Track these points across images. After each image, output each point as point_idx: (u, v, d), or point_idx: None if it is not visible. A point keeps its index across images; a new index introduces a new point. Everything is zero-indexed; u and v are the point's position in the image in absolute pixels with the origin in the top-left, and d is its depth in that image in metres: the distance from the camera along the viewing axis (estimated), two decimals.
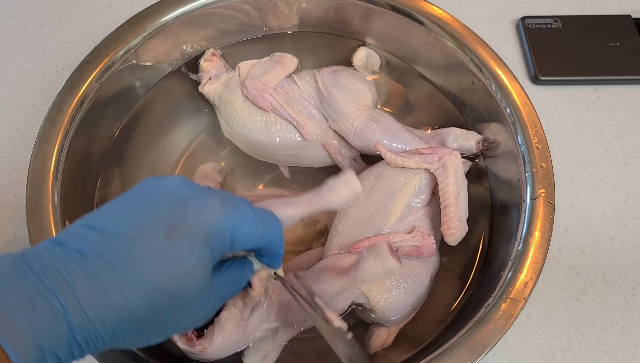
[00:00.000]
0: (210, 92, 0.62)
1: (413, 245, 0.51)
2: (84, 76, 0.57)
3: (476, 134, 0.59)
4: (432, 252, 0.52)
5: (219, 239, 0.34)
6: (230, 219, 0.34)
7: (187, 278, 0.32)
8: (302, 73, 0.63)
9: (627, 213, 0.62)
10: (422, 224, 0.53)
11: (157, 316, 0.32)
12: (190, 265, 0.32)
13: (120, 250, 0.31)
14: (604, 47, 0.72)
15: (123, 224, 0.32)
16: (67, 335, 0.29)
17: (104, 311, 0.30)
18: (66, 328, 0.29)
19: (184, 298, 0.33)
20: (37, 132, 0.54)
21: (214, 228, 0.33)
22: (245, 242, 0.36)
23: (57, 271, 0.30)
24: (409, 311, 0.52)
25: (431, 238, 0.52)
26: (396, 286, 0.50)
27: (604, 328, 0.56)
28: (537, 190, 0.52)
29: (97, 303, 0.30)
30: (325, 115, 0.61)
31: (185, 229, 0.32)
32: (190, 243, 0.32)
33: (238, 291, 0.41)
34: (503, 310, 0.46)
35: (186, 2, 0.62)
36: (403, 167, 0.54)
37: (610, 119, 0.68)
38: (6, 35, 0.74)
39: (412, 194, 0.54)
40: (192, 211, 0.33)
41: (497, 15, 0.76)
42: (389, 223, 0.53)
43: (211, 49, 0.65)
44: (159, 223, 0.32)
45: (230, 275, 0.39)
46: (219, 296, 0.38)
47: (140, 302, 0.31)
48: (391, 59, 0.68)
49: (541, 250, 0.49)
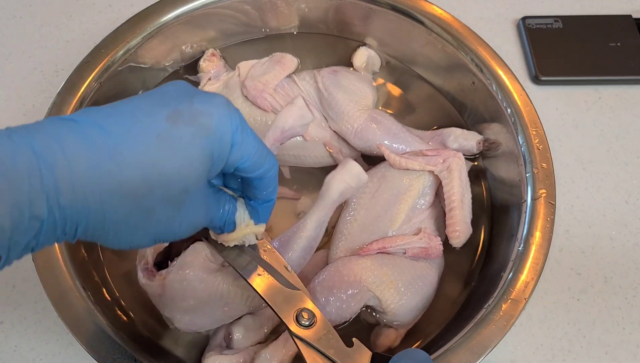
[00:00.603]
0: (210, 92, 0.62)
1: (421, 246, 0.51)
2: (84, 76, 0.57)
3: (477, 134, 0.59)
4: (440, 253, 0.52)
5: (220, 139, 0.33)
6: (234, 121, 0.33)
7: (185, 165, 0.31)
8: (302, 73, 0.63)
9: (628, 214, 0.62)
10: (427, 226, 0.53)
11: (148, 198, 0.30)
12: (190, 152, 0.31)
13: (120, 122, 0.30)
14: (605, 47, 0.71)
15: (126, 104, 0.31)
16: (51, 197, 0.27)
17: (95, 176, 0.28)
18: (52, 188, 0.27)
19: (179, 186, 0.32)
20: None
21: (218, 123, 0.32)
22: (242, 157, 0.35)
23: (48, 134, 0.28)
24: (418, 313, 0.52)
25: (438, 239, 0.52)
26: (408, 288, 0.50)
27: (604, 328, 0.56)
28: (538, 190, 0.52)
29: (89, 168, 0.28)
30: (325, 115, 0.61)
31: (190, 117, 0.31)
32: (194, 131, 0.31)
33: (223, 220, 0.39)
34: (504, 310, 0.46)
35: (186, 2, 0.62)
36: (407, 169, 0.54)
37: (611, 119, 0.68)
38: (6, 35, 0.74)
39: (416, 196, 0.54)
40: (198, 102, 0.32)
41: (497, 15, 0.76)
42: (395, 225, 0.53)
43: (211, 50, 0.65)
44: (163, 106, 0.31)
45: (220, 197, 0.38)
46: (208, 210, 0.37)
47: (134, 176, 0.29)
48: (391, 60, 0.68)
49: (542, 251, 0.49)
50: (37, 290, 0.56)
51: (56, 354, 0.54)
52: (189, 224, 0.35)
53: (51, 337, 0.54)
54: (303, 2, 0.65)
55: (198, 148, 0.32)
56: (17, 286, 0.57)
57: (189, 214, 0.34)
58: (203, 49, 0.66)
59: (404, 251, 0.52)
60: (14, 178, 0.27)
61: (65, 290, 0.47)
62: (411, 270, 0.51)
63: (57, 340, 0.54)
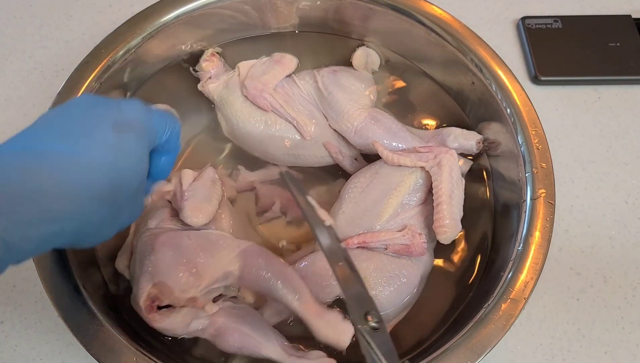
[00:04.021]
0: (210, 91, 0.62)
1: (403, 243, 0.51)
2: (84, 76, 0.57)
3: (476, 134, 0.59)
4: (422, 251, 0.51)
5: (151, 135, 0.39)
6: (150, 114, 0.40)
7: (139, 164, 0.38)
8: (301, 73, 0.63)
9: (628, 213, 0.62)
10: (415, 223, 0.53)
11: (117, 198, 0.36)
12: (137, 153, 0.38)
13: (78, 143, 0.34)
14: (605, 47, 0.71)
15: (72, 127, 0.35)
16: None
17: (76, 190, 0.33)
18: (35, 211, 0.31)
19: (136, 182, 0.38)
20: None
21: (147, 123, 0.39)
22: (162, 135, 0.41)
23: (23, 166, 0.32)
24: (396, 311, 0.52)
25: (422, 236, 0.51)
26: (382, 284, 0.50)
27: (604, 328, 0.56)
28: (538, 190, 0.52)
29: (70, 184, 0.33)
30: (325, 115, 0.61)
31: (128, 125, 0.37)
32: (135, 135, 0.37)
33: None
34: (503, 310, 0.46)
35: (186, 2, 0.62)
36: (399, 165, 0.54)
37: (611, 119, 0.68)
38: (6, 35, 0.74)
39: (406, 192, 0.54)
40: (126, 111, 0.38)
41: (497, 16, 0.76)
42: (381, 220, 0.53)
43: (210, 50, 0.65)
44: (104, 121, 0.36)
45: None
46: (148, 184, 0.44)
47: (105, 183, 0.35)
48: (391, 58, 0.68)
49: (541, 250, 0.49)
50: (37, 289, 0.57)
51: (56, 353, 0.54)
52: (142, 206, 0.43)
53: (51, 336, 0.54)
54: (303, 2, 0.65)
55: (141, 148, 0.38)
56: (17, 286, 0.57)
57: (141, 199, 0.42)
58: (203, 48, 0.66)
59: (385, 247, 0.51)
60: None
61: (65, 290, 0.47)
62: (390, 267, 0.51)
63: (57, 339, 0.54)
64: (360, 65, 0.65)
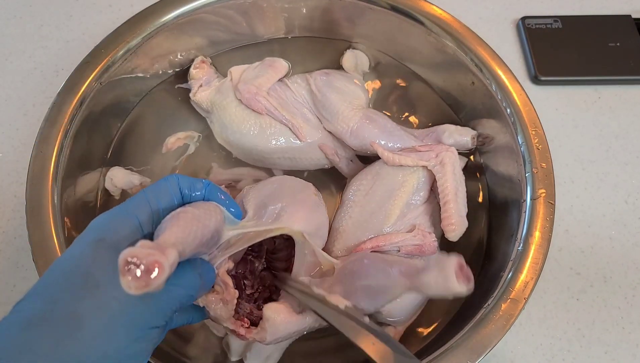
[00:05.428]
0: (203, 98, 0.62)
1: (415, 244, 0.51)
2: (84, 76, 0.57)
3: (470, 129, 0.59)
4: (434, 249, 0.52)
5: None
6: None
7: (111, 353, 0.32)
8: (294, 77, 0.63)
9: (628, 213, 0.62)
10: (422, 222, 0.53)
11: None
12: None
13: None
14: (604, 47, 0.71)
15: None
16: None
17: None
18: None
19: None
20: (37, 133, 0.54)
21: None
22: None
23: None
24: (414, 311, 0.52)
25: (432, 235, 0.52)
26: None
27: (604, 328, 0.56)
28: (537, 190, 0.52)
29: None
30: (319, 117, 0.61)
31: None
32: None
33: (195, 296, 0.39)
34: (503, 310, 0.46)
35: (186, 2, 0.62)
36: (400, 165, 0.54)
37: (611, 119, 0.68)
38: (6, 35, 0.74)
39: (410, 192, 0.54)
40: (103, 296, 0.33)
41: (497, 16, 0.76)
42: (389, 222, 0.53)
43: (200, 57, 0.64)
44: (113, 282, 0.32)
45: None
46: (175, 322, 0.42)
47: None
48: (382, 60, 0.68)
49: (541, 250, 0.49)
50: None
51: None
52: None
53: None
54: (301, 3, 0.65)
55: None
56: (17, 286, 0.57)
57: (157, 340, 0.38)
58: (192, 57, 0.65)
59: (398, 249, 0.52)
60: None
61: None
62: None
63: None
64: (351, 67, 0.65)
